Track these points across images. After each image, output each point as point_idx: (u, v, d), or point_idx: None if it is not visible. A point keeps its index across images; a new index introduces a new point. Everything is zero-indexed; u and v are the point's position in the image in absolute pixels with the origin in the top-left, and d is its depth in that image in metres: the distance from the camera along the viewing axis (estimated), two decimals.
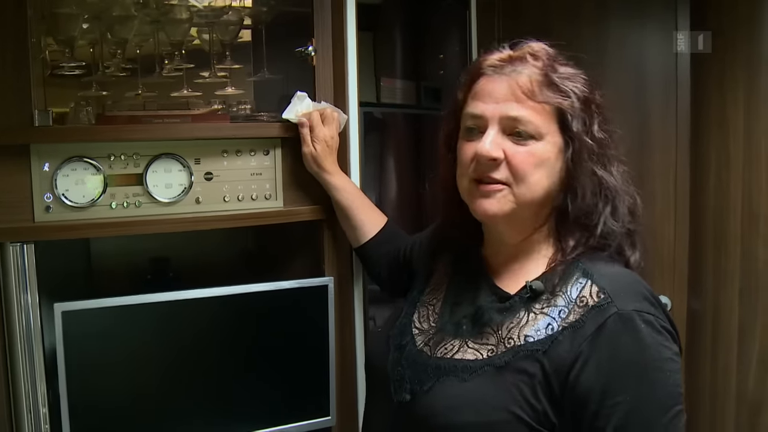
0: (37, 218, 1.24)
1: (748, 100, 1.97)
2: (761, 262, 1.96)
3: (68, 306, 1.24)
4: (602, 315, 0.90)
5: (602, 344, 0.88)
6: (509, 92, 0.98)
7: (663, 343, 0.89)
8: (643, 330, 0.88)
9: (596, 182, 1.00)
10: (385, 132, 1.76)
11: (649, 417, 0.86)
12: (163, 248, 1.61)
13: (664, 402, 0.87)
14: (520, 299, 0.98)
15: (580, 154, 0.99)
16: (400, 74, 1.88)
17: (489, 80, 1.00)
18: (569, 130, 0.99)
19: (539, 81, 0.98)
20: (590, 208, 0.99)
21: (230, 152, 1.40)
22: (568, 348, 0.90)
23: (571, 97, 0.98)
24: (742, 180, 1.98)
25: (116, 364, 1.31)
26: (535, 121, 0.97)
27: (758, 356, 1.98)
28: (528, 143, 0.98)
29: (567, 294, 0.95)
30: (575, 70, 1.02)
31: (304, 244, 1.60)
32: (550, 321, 0.94)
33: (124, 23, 1.42)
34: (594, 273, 0.95)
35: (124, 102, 1.42)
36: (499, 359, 0.94)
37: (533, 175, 0.98)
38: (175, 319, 1.34)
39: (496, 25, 2.27)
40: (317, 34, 1.46)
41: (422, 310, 1.12)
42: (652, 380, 0.87)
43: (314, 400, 1.48)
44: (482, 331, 0.99)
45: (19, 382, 1.23)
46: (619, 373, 0.87)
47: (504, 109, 0.97)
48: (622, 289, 0.93)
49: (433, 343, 1.04)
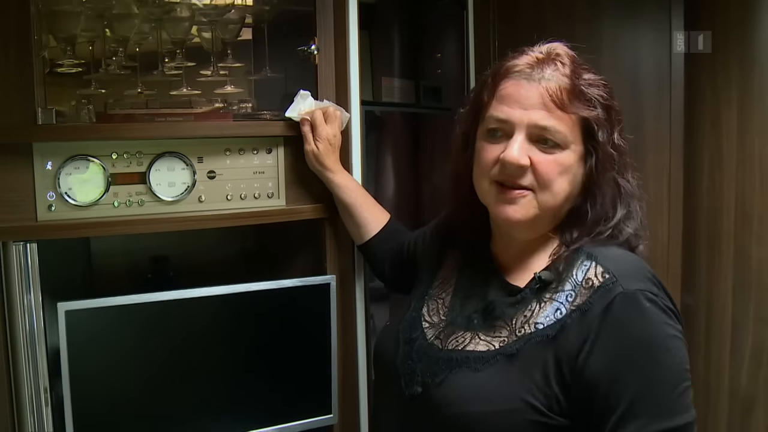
0: (40, 217, 1.23)
1: (742, 100, 1.99)
2: (754, 260, 1.99)
3: (72, 305, 1.23)
4: (608, 295, 0.91)
5: (609, 325, 0.90)
6: (539, 100, 0.98)
7: (667, 321, 0.91)
8: (648, 309, 0.90)
9: (616, 189, 1.02)
10: (384, 131, 1.76)
11: (658, 394, 0.87)
12: (163, 247, 1.60)
13: (672, 379, 0.88)
14: (530, 291, 1.00)
15: (603, 163, 1.00)
16: (397, 73, 1.88)
17: (516, 84, 1.00)
18: (594, 140, 1.00)
19: (567, 90, 0.98)
20: (608, 213, 1.01)
21: (233, 151, 1.39)
22: (576, 332, 0.91)
23: (597, 107, 0.99)
24: (736, 180, 2.01)
25: (119, 363, 1.30)
26: (562, 130, 0.98)
27: (751, 352, 2.02)
28: (554, 151, 0.98)
29: (573, 278, 0.96)
30: (596, 76, 1.03)
31: (305, 242, 1.60)
32: (559, 306, 0.95)
33: (124, 21, 1.41)
34: (598, 255, 0.97)
35: (126, 100, 1.41)
36: (510, 347, 0.96)
37: (557, 182, 0.99)
38: (179, 317, 1.34)
39: (491, 25, 2.28)
40: (319, 33, 1.46)
41: (431, 303, 1.13)
42: (658, 358, 0.89)
43: (316, 398, 1.48)
44: (494, 325, 1.00)
45: (21, 383, 1.22)
46: (628, 354, 0.89)
47: (533, 117, 0.98)
48: (627, 269, 0.94)
49: (443, 336, 1.05)
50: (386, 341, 1.15)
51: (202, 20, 1.47)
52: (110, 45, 1.43)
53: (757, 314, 2.00)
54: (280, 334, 1.44)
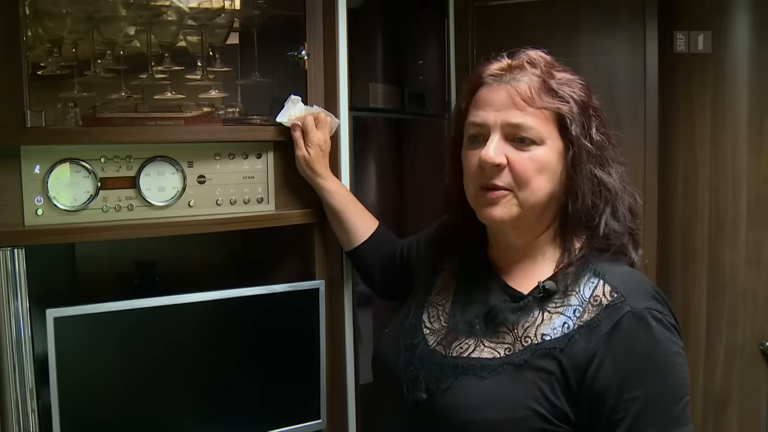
0: (27, 222, 1.21)
1: (715, 108, 2.06)
2: (727, 264, 2.05)
3: (61, 312, 1.21)
4: (617, 314, 0.94)
5: (618, 342, 0.92)
6: (509, 100, 1.01)
7: (671, 338, 0.94)
8: (655, 327, 0.93)
9: (596, 183, 1.03)
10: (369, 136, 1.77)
11: (662, 408, 0.91)
12: (149, 252, 1.58)
13: (676, 393, 0.92)
14: (533, 299, 1.01)
15: (579, 157, 1.02)
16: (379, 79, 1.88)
17: (489, 89, 1.04)
18: (569, 134, 1.02)
19: (537, 87, 1.01)
20: (590, 209, 1.03)
21: (223, 155, 1.39)
22: (584, 346, 0.93)
23: (570, 102, 1.02)
24: (709, 186, 2.07)
25: (108, 370, 1.28)
26: (535, 126, 1.00)
27: (724, 353, 2.08)
28: (530, 149, 1.01)
29: (580, 293, 0.98)
30: (572, 76, 1.05)
31: (292, 248, 1.60)
32: (566, 320, 0.97)
33: (111, 24, 1.39)
34: (605, 273, 0.99)
35: (115, 104, 1.39)
36: (518, 357, 0.97)
37: (535, 179, 1.01)
38: (169, 323, 1.32)
39: (469, 33, 2.32)
40: (309, 38, 1.46)
41: (431, 310, 1.14)
42: (664, 374, 0.92)
43: (305, 403, 1.48)
44: (497, 330, 1.01)
45: (7, 391, 1.19)
46: (635, 369, 0.91)
47: (505, 117, 1.00)
48: (633, 288, 0.97)
49: (446, 343, 1.06)
50: (387, 347, 1.15)
51: (190, 24, 1.46)
52: (97, 48, 1.41)
53: (730, 316, 2.06)
54: (268, 340, 1.43)
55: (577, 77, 1.05)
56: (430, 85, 2.04)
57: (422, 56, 2.05)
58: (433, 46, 2.10)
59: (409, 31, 2.01)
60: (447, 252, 1.20)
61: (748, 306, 2.05)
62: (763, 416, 2.07)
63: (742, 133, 2.02)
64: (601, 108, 1.06)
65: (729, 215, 2.04)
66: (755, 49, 2.02)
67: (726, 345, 2.07)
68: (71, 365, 1.22)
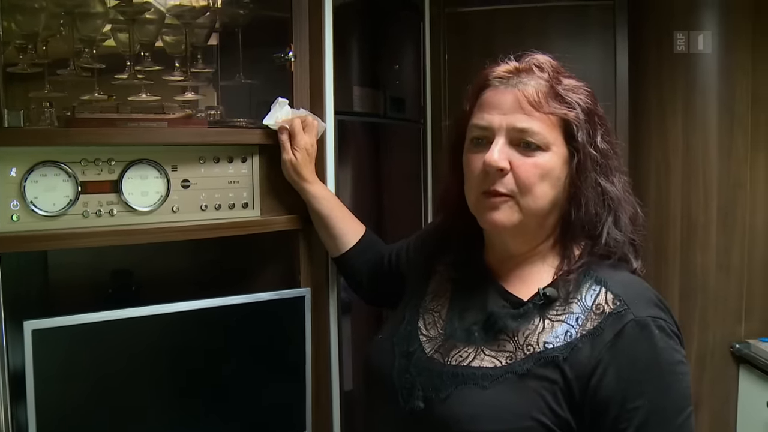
0: (3, 228, 1.14)
1: (686, 114, 2.10)
2: (699, 268, 2.10)
3: (38, 324, 1.15)
4: (620, 322, 0.92)
5: (621, 351, 0.91)
6: (516, 103, 0.98)
7: (674, 347, 0.93)
8: (657, 336, 0.91)
9: (599, 192, 1.01)
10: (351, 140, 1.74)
11: (666, 418, 0.89)
12: (125, 260, 1.51)
13: (679, 403, 0.91)
14: (533, 305, 0.99)
15: (584, 165, 1.00)
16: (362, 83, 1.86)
17: (495, 92, 1.01)
18: (574, 141, 1.00)
19: (545, 92, 0.99)
20: (593, 218, 1.01)
21: (208, 159, 1.34)
22: (588, 354, 0.92)
23: (576, 109, 1.00)
24: (681, 191, 2.11)
25: (87, 383, 1.22)
26: (542, 132, 0.98)
27: (696, 356, 2.12)
28: (534, 154, 0.99)
29: (582, 301, 0.96)
30: (578, 82, 1.04)
31: (274, 254, 1.56)
32: (568, 328, 0.95)
33: (89, 21, 1.33)
34: (607, 280, 0.97)
35: (95, 104, 1.33)
36: (520, 366, 0.95)
37: (538, 186, 0.99)
38: (151, 334, 1.27)
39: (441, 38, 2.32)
40: (296, 40, 1.43)
41: (427, 316, 1.11)
42: (667, 383, 0.91)
43: (290, 412, 1.44)
44: (497, 338, 0.99)
45: None
46: (638, 378, 0.90)
47: (511, 120, 0.98)
48: (636, 296, 0.95)
49: (444, 350, 1.03)
50: (380, 355, 1.12)
51: (171, 23, 1.40)
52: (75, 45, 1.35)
53: (701, 320, 2.11)
54: (253, 349, 1.40)
55: (583, 84, 1.04)
56: (408, 89, 2.03)
57: (400, 61, 2.04)
58: (410, 51, 2.09)
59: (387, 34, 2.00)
60: (440, 256, 1.17)
61: (719, 309, 2.10)
62: (733, 417, 2.12)
63: (712, 139, 2.08)
64: (605, 116, 1.05)
65: (700, 220, 2.09)
66: (723, 55, 2.07)
67: (697, 347, 2.11)
68: (49, 378, 1.16)
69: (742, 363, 2.10)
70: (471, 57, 2.22)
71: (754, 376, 2.05)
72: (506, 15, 2.32)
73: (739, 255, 2.09)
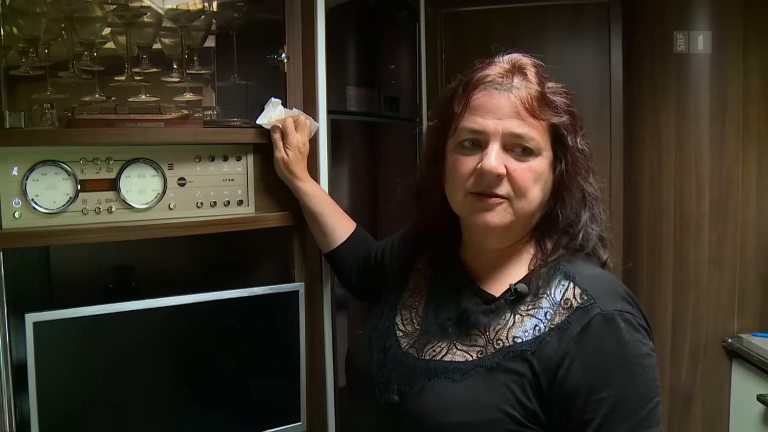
0: (5, 225, 1.19)
1: (678, 111, 2.13)
2: (692, 263, 2.12)
3: (39, 316, 1.19)
4: (586, 316, 0.94)
5: (587, 343, 0.93)
6: (512, 109, 0.99)
7: (641, 340, 0.94)
8: (624, 329, 0.93)
9: (581, 191, 1.05)
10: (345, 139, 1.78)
11: (631, 409, 0.91)
12: (125, 256, 1.56)
13: (644, 394, 0.92)
14: (505, 301, 1.01)
15: (573, 168, 1.03)
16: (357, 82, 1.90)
17: (488, 95, 1.01)
18: (563, 145, 1.03)
19: (537, 98, 1.00)
20: (575, 216, 1.04)
21: (203, 158, 1.38)
22: (555, 348, 0.94)
23: (563, 113, 1.02)
24: (674, 187, 2.14)
25: (87, 375, 1.26)
26: (536, 137, 1.00)
27: (689, 350, 2.14)
28: (528, 159, 1.01)
29: (551, 296, 0.99)
30: (558, 84, 1.06)
31: (270, 250, 1.60)
32: (537, 322, 0.97)
33: (88, 25, 1.37)
34: (576, 275, 0.99)
35: (94, 105, 1.37)
36: (490, 360, 0.97)
37: (532, 189, 1.01)
38: (148, 327, 1.31)
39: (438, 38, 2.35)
40: (288, 42, 1.46)
41: (404, 312, 1.14)
42: (633, 375, 0.92)
43: (285, 405, 1.48)
44: (469, 333, 1.02)
45: None
46: (604, 370, 0.92)
47: (507, 126, 0.99)
48: (603, 290, 0.97)
49: (419, 345, 1.06)
50: (359, 349, 1.16)
51: (168, 26, 1.45)
52: (74, 48, 1.39)
53: (694, 314, 2.13)
54: (248, 342, 1.43)
55: (562, 85, 1.06)
56: (403, 89, 2.06)
57: (395, 60, 2.07)
58: (405, 51, 2.12)
59: (382, 35, 2.03)
60: (419, 253, 1.20)
61: (712, 303, 2.12)
62: (726, 411, 2.14)
63: (704, 135, 2.10)
64: (581, 116, 1.07)
65: (693, 215, 2.11)
66: (716, 52, 2.09)
67: (690, 342, 2.14)
68: (50, 370, 1.20)
69: (734, 357, 2.12)
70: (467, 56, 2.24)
71: (746, 371, 2.07)
72: (502, 14, 2.35)
73: (731, 250, 2.11)
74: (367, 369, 1.09)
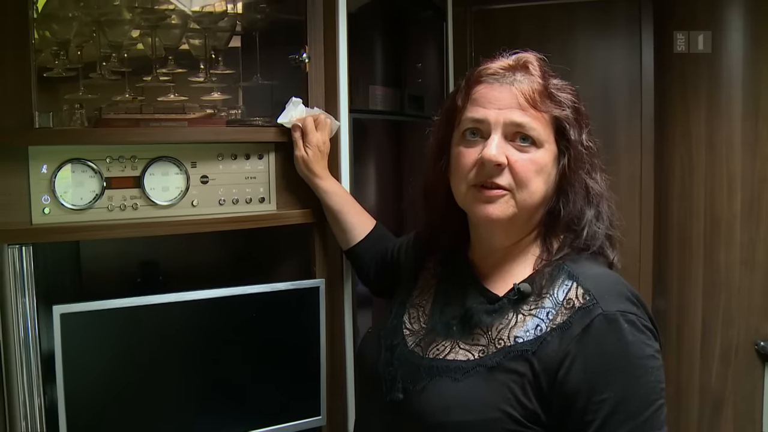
0: (35, 220, 1.24)
1: (710, 109, 2.09)
2: (722, 264, 2.08)
3: (67, 308, 1.23)
4: (588, 316, 0.93)
5: (588, 344, 0.92)
6: (513, 100, 1.00)
7: (645, 341, 0.93)
8: (626, 329, 0.92)
9: (585, 188, 1.04)
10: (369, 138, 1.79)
11: (633, 411, 0.89)
12: (152, 252, 1.61)
13: (647, 396, 0.91)
14: (508, 301, 1.01)
15: (575, 162, 1.03)
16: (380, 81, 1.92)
17: (489, 87, 1.03)
18: (565, 138, 1.03)
19: (539, 91, 1.01)
20: (579, 213, 1.04)
21: (226, 156, 1.42)
22: (556, 348, 0.93)
23: (566, 108, 1.03)
24: (705, 186, 2.10)
25: (113, 366, 1.31)
26: (537, 128, 1.01)
27: (720, 352, 2.10)
28: (530, 150, 1.01)
29: (554, 296, 0.98)
30: (564, 82, 1.06)
31: (293, 247, 1.62)
32: (539, 322, 0.97)
33: (116, 27, 1.42)
34: (579, 275, 0.99)
35: (120, 105, 1.42)
36: (491, 360, 0.97)
37: (534, 181, 1.01)
38: (171, 320, 1.35)
39: (468, 36, 2.35)
40: (310, 42, 1.49)
41: (412, 311, 1.15)
42: (635, 377, 0.91)
43: (305, 400, 1.50)
44: (472, 333, 1.02)
45: (14, 389, 1.21)
46: (605, 371, 0.91)
47: (508, 116, 1.00)
48: (606, 290, 0.96)
49: (424, 344, 1.07)
50: (369, 347, 1.17)
51: (193, 27, 1.49)
52: (103, 50, 1.44)
53: (725, 316, 2.09)
54: (269, 337, 1.46)
55: (568, 83, 1.06)
56: (429, 87, 2.07)
57: (421, 59, 2.08)
58: (431, 50, 2.13)
59: (408, 34, 2.04)
60: (429, 253, 1.20)
61: (743, 305, 2.08)
62: (759, 415, 2.09)
63: (736, 133, 2.05)
64: (588, 114, 1.07)
65: (724, 215, 2.07)
66: (749, 50, 2.04)
67: (721, 344, 2.10)
68: (77, 360, 1.25)
69: (767, 361, 2.07)
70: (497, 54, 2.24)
71: None
72: (532, 12, 2.34)
73: (764, 251, 2.06)
74: (375, 367, 1.10)
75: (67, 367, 1.24)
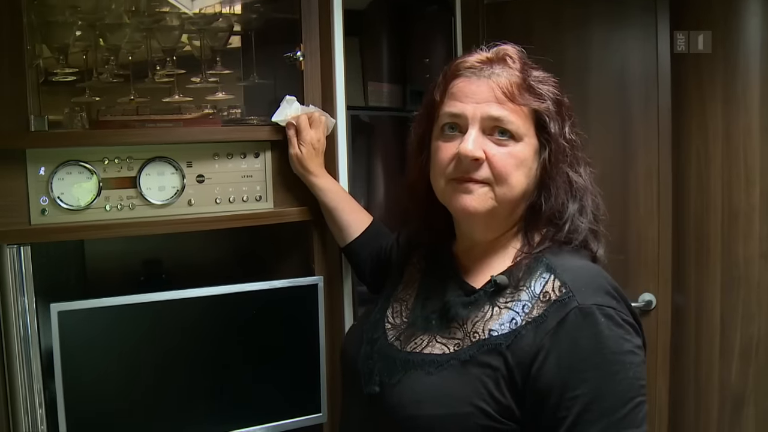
0: (33, 221, 1.27)
1: (726, 101, 2.03)
2: (741, 258, 2.02)
3: (64, 306, 1.26)
4: (563, 309, 0.92)
5: (562, 338, 0.90)
6: (490, 93, 1.00)
7: (623, 336, 0.91)
8: (603, 323, 0.90)
9: (567, 182, 1.03)
10: (371, 135, 1.80)
11: (607, 408, 0.87)
12: (155, 250, 1.64)
13: (623, 394, 0.88)
14: (484, 293, 1.01)
15: (556, 156, 1.02)
16: (387, 78, 1.92)
17: (467, 81, 1.02)
18: (546, 132, 1.02)
19: (517, 84, 1.00)
20: (561, 207, 1.02)
21: (221, 155, 1.43)
22: (530, 342, 0.92)
23: (547, 100, 1.02)
24: (722, 179, 2.04)
25: (112, 363, 1.33)
26: (515, 121, 1.00)
27: (740, 349, 2.04)
28: (508, 144, 1.00)
29: (531, 289, 0.97)
30: (546, 74, 1.05)
31: (292, 245, 1.63)
32: (514, 315, 0.96)
33: (116, 31, 1.45)
34: (557, 267, 0.97)
35: (118, 107, 1.45)
36: (465, 353, 0.96)
37: (513, 175, 1.00)
38: (169, 318, 1.37)
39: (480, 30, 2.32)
40: (305, 40, 1.49)
41: (396, 305, 1.15)
42: (611, 373, 0.88)
43: (305, 396, 1.51)
44: (449, 326, 1.01)
45: (16, 384, 1.25)
46: (579, 367, 0.89)
47: (485, 109, 0.99)
48: (584, 283, 0.94)
49: (404, 338, 1.07)
50: (351, 341, 1.18)
51: (191, 29, 1.51)
52: (103, 54, 1.47)
53: (744, 311, 2.03)
54: (269, 334, 1.47)
55: (551, 75, 1.05)
56: None
57: (429, 54, 2.07)
58: (440, 45, 2.12)
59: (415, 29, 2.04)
60: (414, 248, 1.20)
61: (763, 301, 2.01)
62: None
63: (754, 124, 1.99)
64: (572, 107, 1.06)
65: (742, 208, 2.01)
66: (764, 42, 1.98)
67: (741, 341, 2.03)
68: (75, 358, 1.28)
69: None
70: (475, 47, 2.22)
71: None
72: (545, 4, 2.30)
73: None
74: (355, 360, 1.11)
75: (65, 363, 1.27)
